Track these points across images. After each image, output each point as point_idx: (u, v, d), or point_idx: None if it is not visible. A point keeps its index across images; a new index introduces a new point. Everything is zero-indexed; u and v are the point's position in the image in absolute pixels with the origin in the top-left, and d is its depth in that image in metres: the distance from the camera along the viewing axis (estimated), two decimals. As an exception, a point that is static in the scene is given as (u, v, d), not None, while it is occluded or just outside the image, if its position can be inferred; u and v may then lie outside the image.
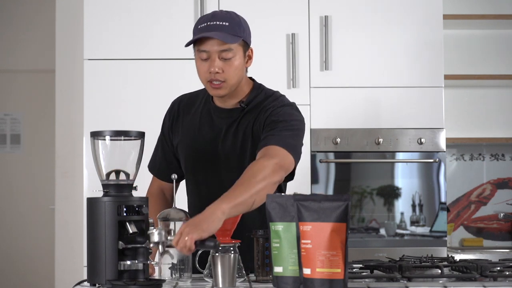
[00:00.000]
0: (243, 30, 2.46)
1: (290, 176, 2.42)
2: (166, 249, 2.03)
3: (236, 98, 2.52)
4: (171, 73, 3.95)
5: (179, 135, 2.61)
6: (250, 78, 2.62)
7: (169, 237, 2.07)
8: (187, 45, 2.43)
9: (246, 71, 2.55)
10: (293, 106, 2.53)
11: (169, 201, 2.69)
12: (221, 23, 2.41)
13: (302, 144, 2.47)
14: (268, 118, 2.44)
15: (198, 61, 2.45)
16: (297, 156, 2.40)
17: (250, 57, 2.51)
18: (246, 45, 2.48)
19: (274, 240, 1.98)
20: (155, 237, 2.07)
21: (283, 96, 2.58)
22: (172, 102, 2.68)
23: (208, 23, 2.41)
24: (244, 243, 2.27)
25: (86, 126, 3.88)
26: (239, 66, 2.44)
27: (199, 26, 2.43)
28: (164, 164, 2.67)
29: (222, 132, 2.52)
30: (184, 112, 2.62)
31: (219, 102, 2.55)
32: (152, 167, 2.70)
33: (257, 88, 2.57)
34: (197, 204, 2.45)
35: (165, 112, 2.69)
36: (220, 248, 2.12)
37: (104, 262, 2.05)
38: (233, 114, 2.53)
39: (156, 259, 2.24)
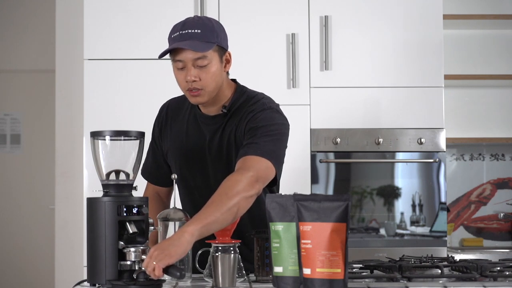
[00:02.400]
0: (217, 35, 2.39)
1: (273, 181, 2.35)
2: (143, 268, 2.01)
3: (218, 104, 2.48)
4: (171, 73, 3.94)
5: (168, 141, 2.59)
6: (233, 80, 2.57)
7: (143, 256, 2.06)
8: (161, 56, 2.39)
9: (228, 74, 2.50)
10: (273, 109, 2.45)
11: (165, 203, 2.69)
12: (192, 31, 2.36)
13: (285, 147, 2.42)
14: (248, 125, 2.40)
15: (175, 70, 2.42)
16: (278, 162, 2.33)
17: (228, 61, 2.45)
18: (222, 49, 2.41)
19: (274, 240, 1.98)
20: (132, 256, 2.06)
21: (265, 98, 2.50)
22: (160, 108, 2.66)
23: (180, 32, 2.36)
24: (244, 243, 2.27)
25: (86, 126, 3.88)
26: (216, 72, 2.39)
27: (172, 36, 2.39)
28: (155, 169, 2.66)
29: (207, 140, 2.50)
30: (172, 118, 2.60)
31: (203, 108, 2.51)
32: (144, 172, 2.68)
33: (239, 91, 2.52)
34: (191, 209, 2.43)
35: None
36: (220, 248, 2.12)
37: (104, 262, 2.05)
38: (217, 121, 2.49)
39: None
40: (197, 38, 2.35)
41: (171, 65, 2.44)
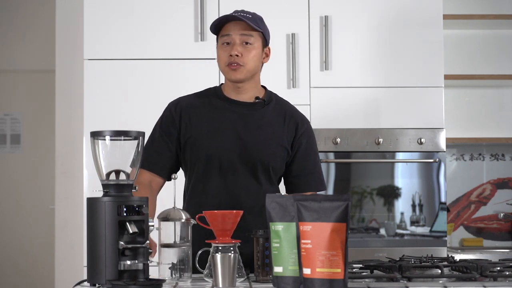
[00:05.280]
0: (264, 26, 2.67)
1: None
2: None
3: (251, 92, 2.67)
4: (171, 73, 3.95)
5: (189, 130, 2.65)
6: (262, 86, 2.76)
7: None
8: (216, 27, 2.62)
9: (261, 67, 2.71)
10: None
11: (154, 194, 2.69)
12: (244, 14, 2.63)
13: None
14: (303, 137, 2.69)
15: (219, 47, 2.63)
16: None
17: (267, 55, 2.69)
18: (264, 40, 2.67)
19: (274, 240, 1.98)
20: None
21: None
22: (170, 104, 2.72)
23: (232, 13, 2.63)
24: (244, 243, 2.27)
25: (86, 126, 3.88)
26: (256, 54, 2.62)
27: (220, 18, 2.64)
28: (156, 156, 2.67)
29: (244, 121, 2.64)
30: (187, 110, 2.67)
31: (234, 94, 2.67)
32: (148, 163, 2.66)
33: (270, 92, 2.74)
34: (218, 188, 2.63)
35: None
36: (220, 248, 2.12)
37: (104, 262, 2.05)
38: (256, 107, 2.66)
39: (156, 258, 2.25)
40: (248, 19, 2.61)
41: (216, 45, 2.65)
